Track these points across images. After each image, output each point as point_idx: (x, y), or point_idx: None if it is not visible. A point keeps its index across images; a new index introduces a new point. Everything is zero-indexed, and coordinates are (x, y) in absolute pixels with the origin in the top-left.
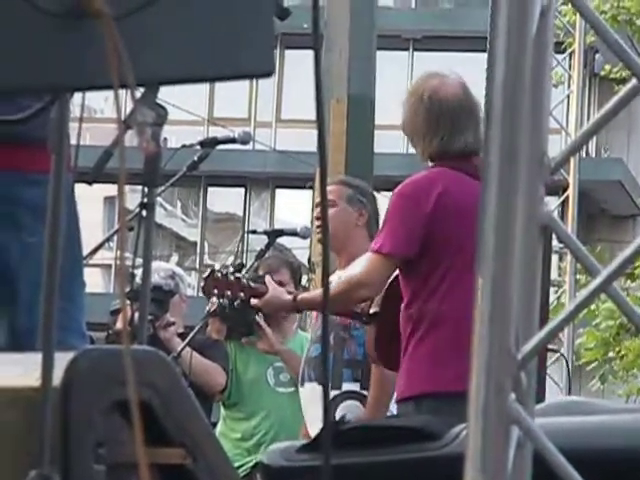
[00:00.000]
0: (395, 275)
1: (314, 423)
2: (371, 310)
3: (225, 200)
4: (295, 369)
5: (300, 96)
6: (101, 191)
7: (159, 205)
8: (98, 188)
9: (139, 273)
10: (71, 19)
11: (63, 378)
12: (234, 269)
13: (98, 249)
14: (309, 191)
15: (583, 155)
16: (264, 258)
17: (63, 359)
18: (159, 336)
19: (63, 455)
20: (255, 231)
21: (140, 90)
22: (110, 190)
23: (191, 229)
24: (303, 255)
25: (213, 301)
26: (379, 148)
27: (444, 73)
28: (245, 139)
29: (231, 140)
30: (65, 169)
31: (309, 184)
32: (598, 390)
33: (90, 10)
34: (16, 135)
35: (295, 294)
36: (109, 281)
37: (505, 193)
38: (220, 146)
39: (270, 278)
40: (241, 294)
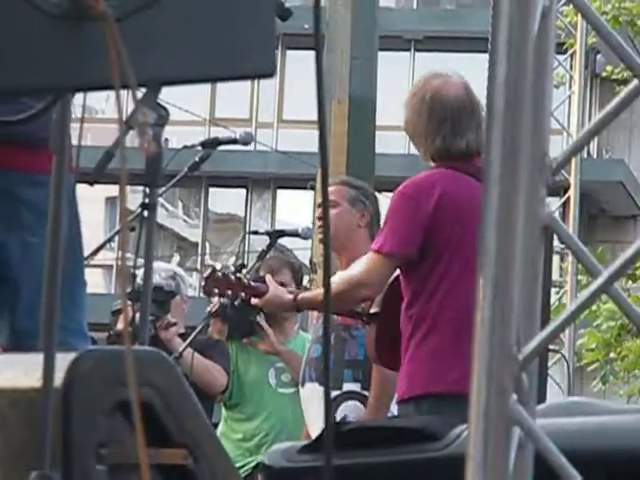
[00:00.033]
0: (396, 275)
1: (314, 423)
2: (371, 310)
3: (226, 201)
4: (296, 370)
5: (301, 97)
6: (102, 192)
7: (160, 205)
8: (99, 189)
9: (140, 274)
10: (72, 20)
11: (64, 379)
12: (235, 269)
13: (99, 249)
14: (310, 192)
15: (584, 156)
16: (265, 259)
17: (64, 360)
18: (160, 337)
19: (64, 456)
20: (256, 232)
21: (141, 91)
22: (111, 190)
23: (192, 230)
24: (304, 256)
25: (214, 301)
26: (380, 149)
27: (447, 74)
28: (246, 140)
29: (232, 141)
30: (66, 170)
31: (310, 184)
32: (599, 391)
33: (92, 11)
34: (18, 136)
35: (296, 293)
36: (110, 281)
37: (506, 193)
38: (221, 147)
39: (271, 277)
40: (242, 293)
